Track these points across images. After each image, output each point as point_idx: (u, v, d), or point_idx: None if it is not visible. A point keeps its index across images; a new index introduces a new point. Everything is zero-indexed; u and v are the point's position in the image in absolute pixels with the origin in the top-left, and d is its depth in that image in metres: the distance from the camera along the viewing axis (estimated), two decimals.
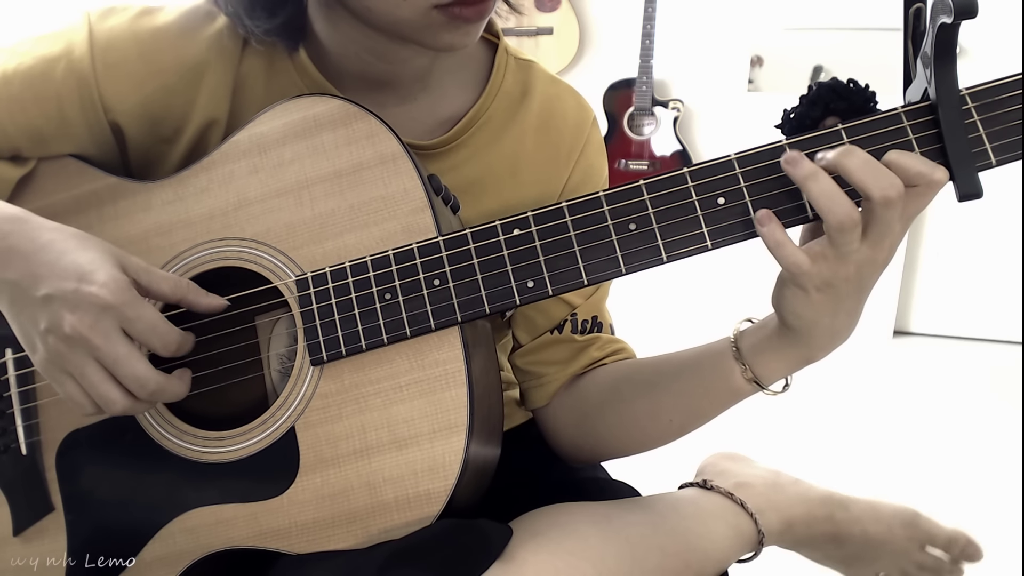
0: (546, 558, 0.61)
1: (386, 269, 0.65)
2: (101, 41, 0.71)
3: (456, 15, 0.64)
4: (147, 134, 0.74)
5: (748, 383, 0.69)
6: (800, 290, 0.61)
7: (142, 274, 0.64)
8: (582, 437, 0.82)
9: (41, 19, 0.74)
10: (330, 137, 0.68)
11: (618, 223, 0.62)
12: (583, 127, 0.83)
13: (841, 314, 0.62)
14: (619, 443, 0.80)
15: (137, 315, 0.61)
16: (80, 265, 0.61)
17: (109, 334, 0.60)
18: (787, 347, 0.66)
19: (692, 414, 0.74)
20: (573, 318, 0.82)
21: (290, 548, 0.65)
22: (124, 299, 0.60)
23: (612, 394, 0.79)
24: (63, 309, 0.60)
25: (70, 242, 0.63)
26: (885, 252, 0.59)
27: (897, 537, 0.85)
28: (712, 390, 0.72)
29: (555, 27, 3.05)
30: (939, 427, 2.27)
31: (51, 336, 0.61)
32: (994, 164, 0.57)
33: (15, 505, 0.73)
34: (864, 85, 0.61)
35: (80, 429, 0.71)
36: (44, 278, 0.61)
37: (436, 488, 0.63)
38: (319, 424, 0.66)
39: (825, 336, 0.64)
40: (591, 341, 0.82)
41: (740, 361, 0.68)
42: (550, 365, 0.82)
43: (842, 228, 0.57)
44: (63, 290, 0.60)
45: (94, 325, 0.60)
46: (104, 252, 0.63)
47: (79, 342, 0.60)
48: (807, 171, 0.57)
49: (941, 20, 0.54)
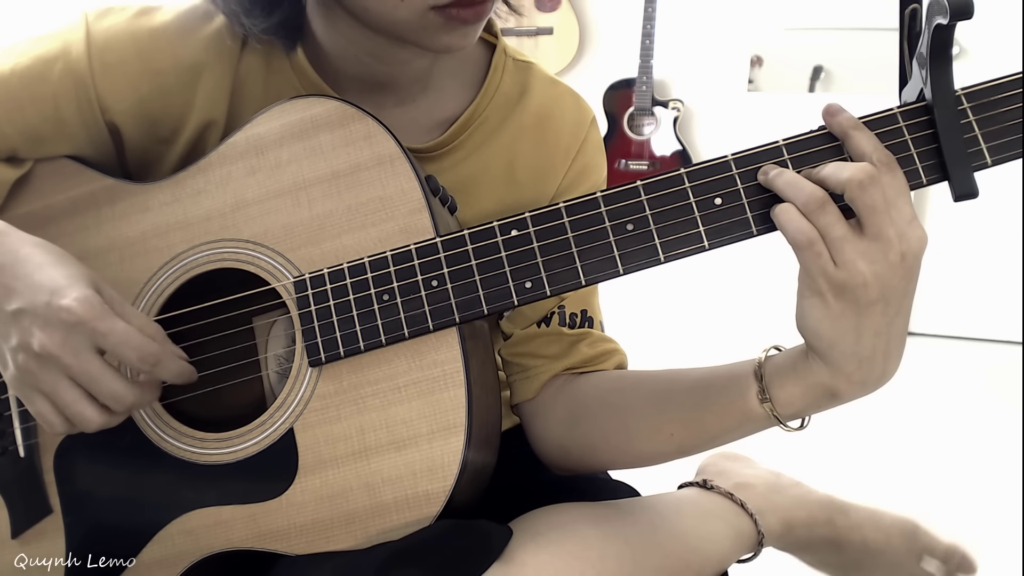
0: (546, 559, 0.61)
1: (384, 270, 0.65)
2: (98, 41, 0.71)
3: (454, 16, 0.64)
4: (144, 135, 0.74)
5: (761, 406, 0.63)
6: (817, 297, 0.58)
7: (115, 304, 0.62)
8: (571, 440, 0.76)
9: (39, 19, 0.74)
10: (327, 138, 0.68)
11: (616, 224, 0.62)
12: (581, 127, 0.83)
13: (867, 334, 0.58)
14: (610, 453, 0.75)
15: (109, 329, 0.59)
16: (55, 279, 0.60)
17: (79, 352, 0.59)
18: (808, 371, 0.61)
19: (695, 432, 0.69)
20: (561, 311, 0.79)
21: (289, 549, 0.65)
22: (95, 313, 0.59)
23: (614, 397, 0.75)
24: (33, 325, 0.59)
25: (48, 257, 0.62)
26: (895, 250, 0.56)
27: (895, 547, 0.85)
28: (722, 408, 0.66)
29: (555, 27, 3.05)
30: (939, 427, 2.27)
31: (21, 353, 0.60)
32: (990, 164, 0.57)
33: (13, 507, 0.73)
34: None
35: None
36: (17, 291, 0.60)
37: (435, 489, 0.63)
38: (318, 425, 0.66)
39: (850, 362, 0.59)
40: (581, 336, 0.79)
41: (759, 380, 0.63)
42: (538, 358, 0.79)
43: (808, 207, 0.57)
44: (35, 304, 0.59)
45: (64, 343, 0.59)
46: (81, 271, 0.62)
47: (49, 360, 0.59)
48: (853, 120, 0.58)
49: (937, 21, 0.54)
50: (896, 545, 0.85)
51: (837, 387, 0.61)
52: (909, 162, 0.59)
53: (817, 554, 0.87)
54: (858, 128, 0.58)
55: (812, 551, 0.87)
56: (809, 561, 0.89)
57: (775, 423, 0.64)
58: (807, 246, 0.57)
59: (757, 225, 0.61)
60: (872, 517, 0.86)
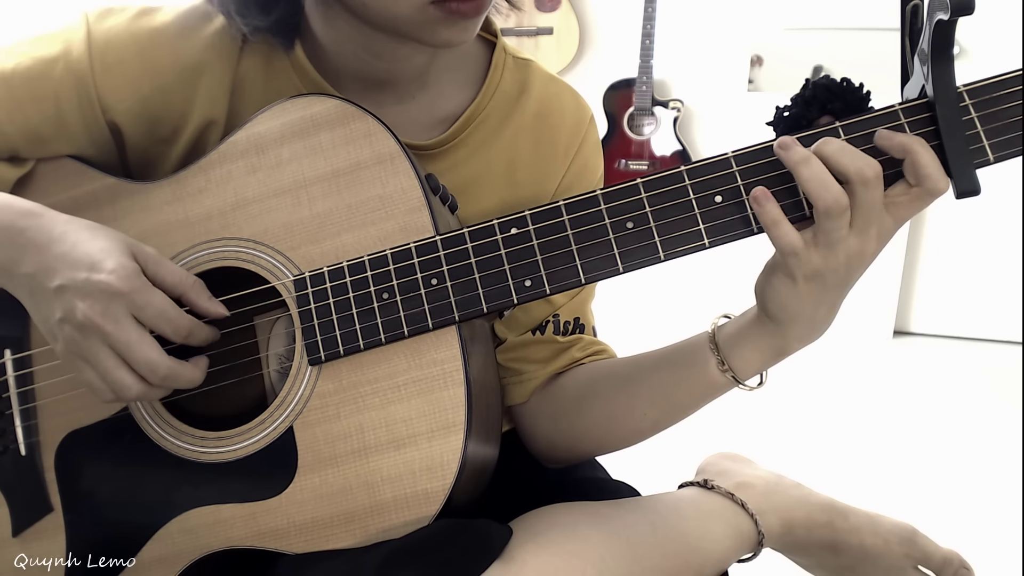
0: (546, 558, 0.61)
1: (384, 269, 0.65)
2: (99, 41, 0.71)
3: (453, 11, 0.64)
4: (145, 134, 0.74)
5: (723, 375, 0.69)
6: (789, 279, 0.62)
7: (150, 263, 0.65)
8: (558, 434, 0.81)
9: (39, 20, 0.74)
10: (328, 137, 0.68)
11: (615, 222, 0.62)
12: (580, 125, 0.83)
13: (823, 307, 0.63)
14: (594, 440, 0.80)
15: (147, 301, 0.62)
16: (91, 254, 0.63)
17: (119, 320, 0.61)
18: (764, 337, 0.66)
19: (667, 408, 0.75)
20: (556, 319, 0.82)
21: (288, 548, 0.65)
22: (134, 286, 0.62)
23: (589, 390, 0.79)
24: (75, 298, 0.61)
25: (83, 233, 0.65)
26: (872, 244, 0.60)
27: (893, 552, 0.85)
28: (687, 382, 0.72)
29: (555, 27, 3.05)
30: (939, 427, 2.27)
31: (66, 325, 0.62)
32: (992, 161, 0.57)
33: (14, 506, 0.73)
34: (859, 84, 0.61)
35: (79, 429, 0.71)
36: (57, 269, 0.63)
37: (434, 487, 0.63)
38: (317, 424, 0.66)
39: (804, 328, 0.65)
40: (573, 342, 0.82)
41: (715, 352, 0.69)
42: (530, 363, 0.82)
43: (829, 213, 0.57)
44: (75, 279, 0.62)
45: (105, 312, 0.61)
46: (116, 240, 0.64)
47: (91, 329, 0.61)
48: (800, 156, 0.58)
49: (938, 17, 0.54)
50: (894, 551, 0.85)
51: (788, 347, 0.66)
52: None
53: (814, 556, 0.87)
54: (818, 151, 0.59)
55: (809, 553, 0.87)
56: (804, 564, 0.89)
57: (736, 386, 0.70)
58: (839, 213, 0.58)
59: (757, 223, 0.61)
60: (871, 522, 0.86)
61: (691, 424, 0.81)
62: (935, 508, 1.84)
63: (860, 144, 0.59)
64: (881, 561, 0.85)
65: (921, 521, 0.87)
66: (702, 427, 0.77)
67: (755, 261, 0.67)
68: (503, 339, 0.83)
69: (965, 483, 1.98)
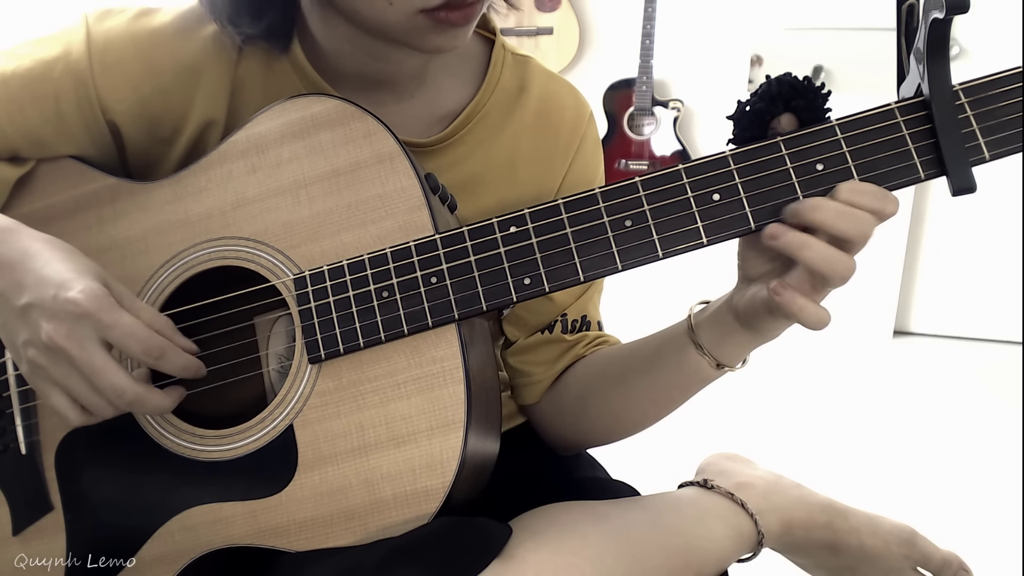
0: (546, 556, 0.61)
1: (383, 267, 0.65)
2: (99, 42, 0.71)
3: (442, 19, 0.64)
4: (145, 134, 0.74)
5: (716, 370, 0.72)
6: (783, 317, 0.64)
7: (125, 299, 0.62)
8: (566, 428, 0.86)
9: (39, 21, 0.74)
10: (328, 136, 0.69)
11: (614, 220, 0.63)
12: (580, 123, 0.83)
13: None
14: (601, 433, 0.85)
15: (113, 320, 0.60)
16: (61, 273, 0.61)
17: (84, 343, 0.60)
18: (749, 341, 0.70)
19: (664, 401, 0.79)
20: (563, 318, 0.84)
21: (289, 546, 0.65)
22: (100, 305, 0.60)
23: (588, 390, 0.82)
24: (41, 318, 0.60)
25: (56, 253, 0.63)
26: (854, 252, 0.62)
27: (893, 554, 0.85)
28: (682, 380, 0.76)
29: (555, 27, 3.05)
30: (939, 427, 2.27)
31: (31, 348, 0.61)
32: (987, 159, 0.57)
33: (14, 505, 0.73)
34: (820, 85, 0.61)
35: (79, 429, 0.71)
36: (27, 287, 0.61)
37: (434, 485, 0.63)
38: (317, 422, 0.66)
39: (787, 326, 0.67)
40: (579, 339, 0.85)
41: (704, 354, 0.72)
42: (538, 365, 0.84)
43: (844, 280, 0.59)
44: (42, 298, 0.60)
45: (70, 334, 0.59)
46: (89, 266, 0.63)
47: (57, 352, 0.60)
48: (797, 242, 0.59)
49: (933, 16, 0.54)
50: (893, 552, 0.85)
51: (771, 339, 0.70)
52: (907, 157, 0.59)
53: (813, 557, 0.87)
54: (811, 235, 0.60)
55: (808, 553, 0.87)
56: (803, 564, 0.89)
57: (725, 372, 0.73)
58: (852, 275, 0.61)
59: (755, 220, 0.61)
60: (871, 523, 0.86)
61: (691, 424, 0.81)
62: (935, 508, 1.84)
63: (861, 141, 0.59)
64: (880, 562, 0.85)
65: (921, 521, 0.87)
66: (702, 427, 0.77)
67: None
68: (513, 340, 0.85)
69: (965, 483, 1.98)
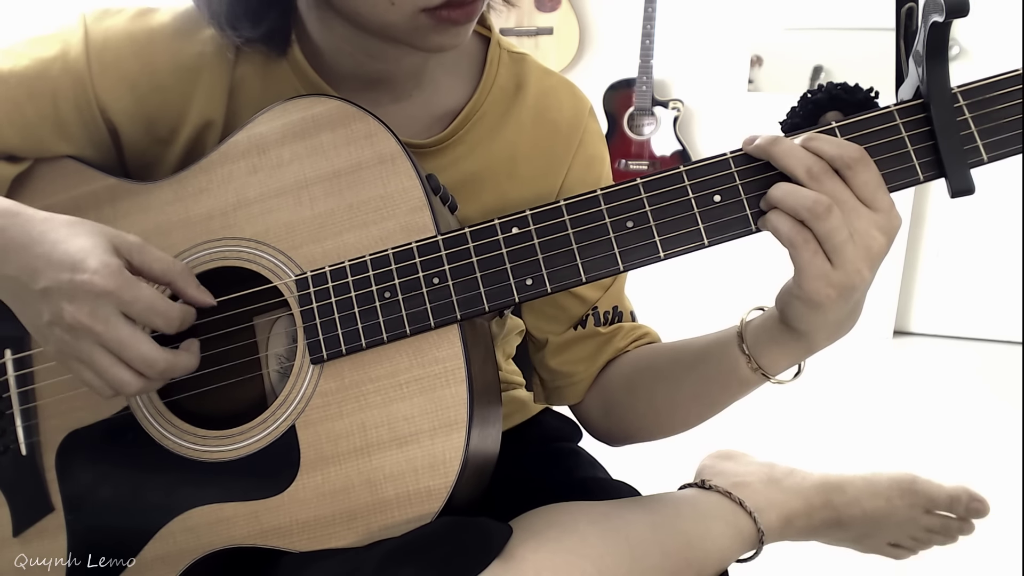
0: (546, 556, 0.62)
1: (385, 268, 0.66)
2: (97, 41, 0.71)
3: (444, 18, 0.64)
4: (143, 134, 0.74)
5: (754, 374, 0.69)
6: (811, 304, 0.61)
7: (134, 253, 0.64)
8: (612, 424, 0.85)
9: (38, 20, 0.74)
10: (329, 137, 0.69)
11: (615, 221, 0.63)
12: (579, 118, 0.83)
13: (844, 313, 0.63)
14: (647, 430, 0.82)
15: (134, 297, 0.61)
16: (72, 254, 0.61)
17: (108, 319, 0.61)
18: (790, 342, 0.67)
19: (708, 404, 0.76)
20: (595, 312, 0.83)
21: (291, 546, 0.65)
22: (118, 283, 0.61)
23: (633, 386, 0.81)
24: (61, 300, 0.61)
25: (61, 231, 0.63)
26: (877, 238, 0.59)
27: (898, 508, 0.85)
28: (723, 381, 0.73)
29: (555, 27, 3.05)
30: (939, 427, 2.27)
31: (56, 328, 0.62)
32: (986, 161, 0.58)
33: (15, 506, 0.73)
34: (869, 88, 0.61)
35: (80, 429, 0.72)
36: (40, 271, 0.62)
37: (436, 485, 0.63)
38: (319, 422, 0.66)
39: (827, 332, 0.65)
40: (615, 332, 0.83)
41: (744, 353, 0.69)
42: (579, 362, 0.83)
43: (816, 215, 0.57)
44: (59, 281, 0.61)
45: (93, 312, 0.60)
46: (96, 235, 0.63)
47: (82, 331, 0.61)
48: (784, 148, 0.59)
49: (933, 19, 0.54)
50: (898, 505, 0.85)
51: (815, 347, 0.67)
52: (906, 159, 0.59)
53: (824, 536, 0.88)
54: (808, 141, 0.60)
55: (818, 535, 0.87)
56: (822, 541, 0.89)
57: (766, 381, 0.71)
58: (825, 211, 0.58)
59: (756, 222, 0.61)
60: (869, 485, 0.86)
61: None
62: None
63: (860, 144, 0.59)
64: (890, 519, 0.85)
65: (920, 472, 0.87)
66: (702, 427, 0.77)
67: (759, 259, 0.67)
68: (545, 340, 0.84)
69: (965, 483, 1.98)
